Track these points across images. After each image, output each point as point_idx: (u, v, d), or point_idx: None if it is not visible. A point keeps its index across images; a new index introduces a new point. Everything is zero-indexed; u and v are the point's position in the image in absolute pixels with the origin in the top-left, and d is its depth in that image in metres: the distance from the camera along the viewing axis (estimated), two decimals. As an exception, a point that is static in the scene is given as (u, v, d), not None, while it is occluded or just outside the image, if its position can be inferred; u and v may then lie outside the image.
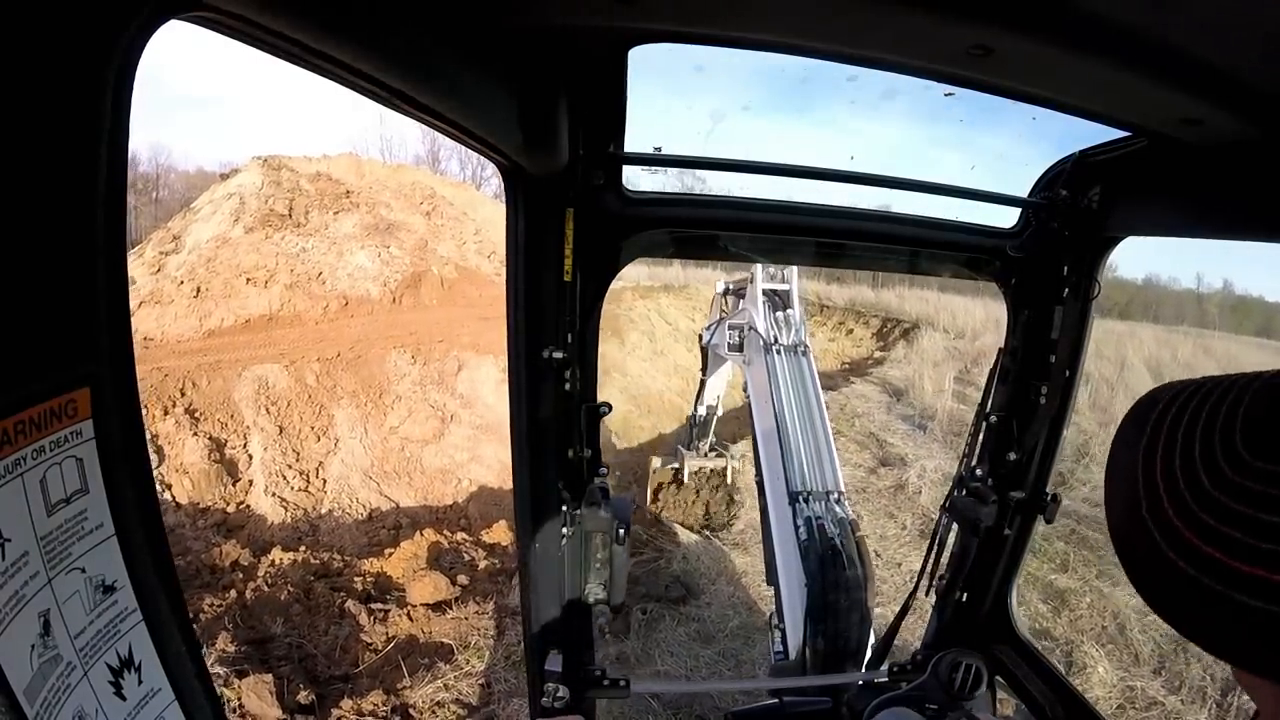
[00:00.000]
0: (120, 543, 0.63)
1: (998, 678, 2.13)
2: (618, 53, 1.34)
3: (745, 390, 5.57)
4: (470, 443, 11.57)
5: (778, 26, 1.18)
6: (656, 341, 17.29)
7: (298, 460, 10.62)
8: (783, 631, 3.35)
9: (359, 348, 12.71)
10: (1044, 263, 1.91)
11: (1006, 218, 1.97)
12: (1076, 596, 6.79)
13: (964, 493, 2.19)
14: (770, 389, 4.61)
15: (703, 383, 8.28)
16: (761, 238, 1.92)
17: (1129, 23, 0.96)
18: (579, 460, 1.86)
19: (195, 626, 6.00)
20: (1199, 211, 1.54)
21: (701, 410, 8.83)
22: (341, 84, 0.87)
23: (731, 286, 7.37)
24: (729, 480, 9.11)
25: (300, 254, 14.97)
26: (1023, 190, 1.88)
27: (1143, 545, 0.50)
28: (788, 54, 1.26)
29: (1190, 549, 0.46)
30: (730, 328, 6.12)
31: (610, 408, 1.89)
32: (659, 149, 1.67)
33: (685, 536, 8.52)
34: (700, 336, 7.37)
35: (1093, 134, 1.56)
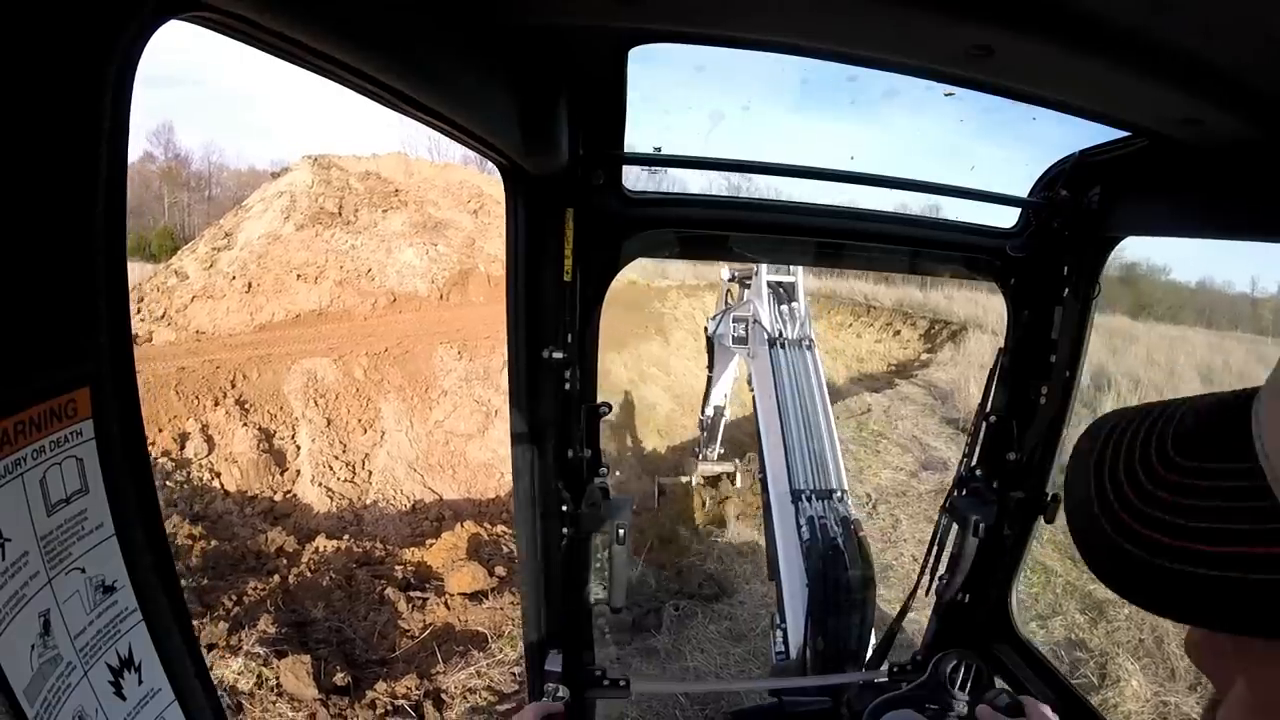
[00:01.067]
0: (120, 543, 0.63)
1: (997, 678, 2.09)
2: (618, 53, 1.33)
3: (750, 384, 5.44)
4: (512, 437, 11.69)
5: (778, 26, 1.16)
6: (700, 340, 17.07)
7: (344, 451, 10.89)
8: (784, 631, 3.34)
9: (406, 343, 12.95)
10: (1044, 263, 1.88)
11: (1006, 218, 1.93)
12: (1115, 607, 6.56)
13: (964, 493, 2.16)
14: (774, 384, 4.51)
15: (709, 380, 8.05)
16: (762, 238, 1.91)
17: (1129, 23, 0.94)
18: (579, 460, 1.86)
19: (239, 609, 6.24)
20: (1199, 212, 1.51)
21: (709, 411, 8.58)
22: (342, 84, 0.87)
23: (737, 274, 7.17)
24: (736, 484, 9.03)
25: (349, 251, 15.35)
26: (1023, 190, 1.85)
27: (1096, 537, 0.57)
28: (788, 54, 1.25)
29: (1136, 534, 0.54)
30: (735, 319, 5.84)
31: (610, 408, 1.90)
32: (659, 149, 1.67)
33: (720, 535, 8.49)
34: (706, 328, 7.16)
35: (1093, 134, 1.53)
